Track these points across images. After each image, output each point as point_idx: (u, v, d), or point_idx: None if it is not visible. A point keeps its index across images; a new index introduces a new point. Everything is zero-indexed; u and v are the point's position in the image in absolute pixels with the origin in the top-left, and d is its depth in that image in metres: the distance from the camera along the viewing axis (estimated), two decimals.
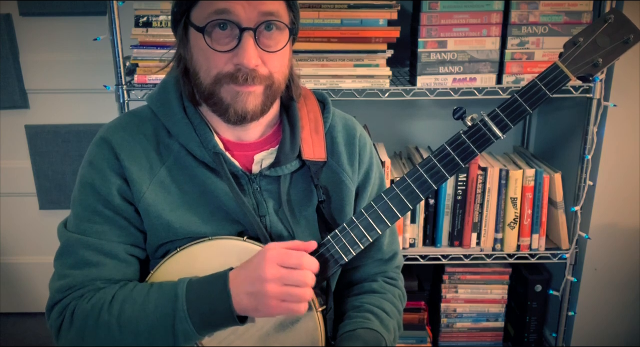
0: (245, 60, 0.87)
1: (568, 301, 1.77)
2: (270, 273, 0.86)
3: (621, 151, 1.69)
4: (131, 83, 1.58)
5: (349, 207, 1.06)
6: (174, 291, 0.90)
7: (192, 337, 0.90)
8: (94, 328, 0.91)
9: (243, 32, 0.87)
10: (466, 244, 1.74)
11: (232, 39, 0.89)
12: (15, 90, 2.07)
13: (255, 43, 0.88)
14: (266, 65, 0.91)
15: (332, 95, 1.57)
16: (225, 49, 0.89)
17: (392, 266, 1.15)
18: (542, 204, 1.70)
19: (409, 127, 2.05)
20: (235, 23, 0.87)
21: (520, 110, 0.91)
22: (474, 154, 0.93)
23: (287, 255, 0.88)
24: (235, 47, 0.88)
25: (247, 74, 0.89)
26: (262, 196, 1.00)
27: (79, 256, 0.95)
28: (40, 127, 2.11)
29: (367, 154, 1.09)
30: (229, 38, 0.89)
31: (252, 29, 0.88)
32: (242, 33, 0.87)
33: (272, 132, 1.03)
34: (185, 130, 0.97)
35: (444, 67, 1.60)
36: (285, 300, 0.87)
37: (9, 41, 2.01)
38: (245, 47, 0.87)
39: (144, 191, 0.95)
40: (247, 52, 0.87)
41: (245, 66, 0.88)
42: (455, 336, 1.94)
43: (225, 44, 0.89)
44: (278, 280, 0.86)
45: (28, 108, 2.12)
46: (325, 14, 1.55)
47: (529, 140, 2.06)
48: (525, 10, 1.57)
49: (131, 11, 1.56)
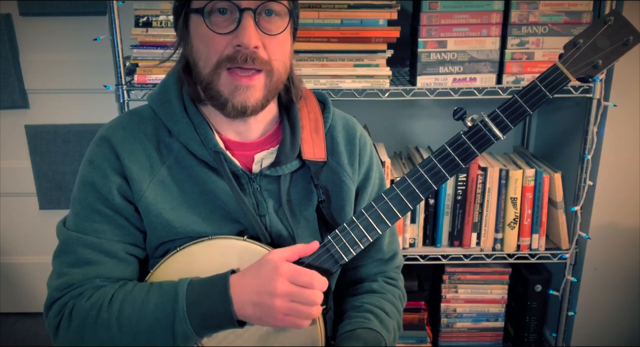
0: (246, 39, 0.87)
1: (568, 301, 1.77)
2: (281, 289, 0.86)
3: (621, 151, 1.69)
4: (131, 83, 1.58)
5: (349, 207, 1.06)
6: (174, 292, 0.90)
7: (191, 339, 0.90)
8: (92, 327, 0.91)
9: (243, 13, 0.88)
10: (466, 244, 1.74)
11: (231, 22, 0.89)
12: (15, 90, 2.07)
13: (255, 25, 0.89)
14: (266, 50, 0.91)
15: (332, 95, 1.57)
16: (225, 31, 0.89)
17: (392, 266, 1.15)
18: (542, 204, 1.70)
19: (409, 127, 2.05)
20: (235, 4, 0.88)
21: (520, 111, 0.92)
22: (475, 155, 0.93)
23: (299, 272, 0.87)
24: (235, 29, 0.89)
25: (247, 55, 0.88)
26: (262, 195, 1.00)
27: (78, 254, 0.95)
28: (40, 127, 2.11)
29: (367, 154, 1.10)
30: (228, 21, 0.89)
31: (252, 9, 0.88)
32: (241, 14, 0.88)
33: (272, 132, 1.03)
34: (186, 129, 0.97)
35: (444, 67, 1.60)
36: (290, 315, 0.87)
37: (9, 41, 2.01)
38: (245, 26, 0.88)
39: (144, 190, 0.95)
40: (247, 31, 0.87)
41: (246, 46, 0.88)
42: (455, 336, 1.94)
43: (225, 27, 0.89)
44: (287, 296, 0.86)
45: (28, 108, 2.12)
46: (325, 14, 1.55)
47: (529, 140, 2.07)
48: (525, 10, 1.57)
49: (131, 11, 1.56)
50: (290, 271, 0.87)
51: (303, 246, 0.92)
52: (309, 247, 0.93)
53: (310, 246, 0.93)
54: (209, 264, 0.93)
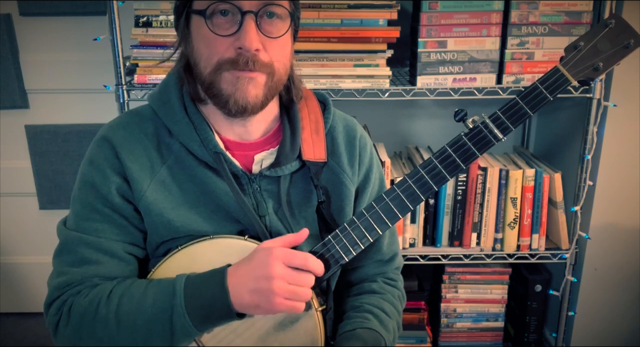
0: (247, 42, 0.87)
1: (568, 301, 1.77)
2: (277, 271, 0.86)
3: (621, 151, 1.69)
4: (131, 83, 1.58)
5: (349, 208, 1.06)
6: (172, 286, 0.90)
7: (191, 333, 0.89)
8: (91, 323, 0.91)
9: (244, 16, 0.88)
10: (466, 244, 1.74)
11: (233, 24, 0.89)
12: (15, 90, 2.07)
13: (257, 27, 0.89)
14: (267, 52, 0.91)
15: (332, 96, 1.57)
16: (227, 34, 0.89)
17: (392, 267, 1.15)
18: (542, 204, 1.70)
19: (409, 127, 2.05)
20: (237, 6, 0.88)
21: (521, 113, 0.92)
22: (475, 156, 0.93)
23: (293, 255, 0.88)
24: (236, 31, 0.89)
25: (248, 58, 0.89)
26: (262, 196, 1.00)
27: (78, 253, 0.95)
28: (40, 127, 2.11)
29: (367, 155, 1.10)
30: (229, 23, 0.89)
31: (253, 12, 0.88)
32: (243, 16, 0.88)
33: (272, 133, 1.03)
34: (186, 129, 0.97)
35: (444, 67, 1.60)
36: (289, 298, 0.87)
37: (9, 41, 2.01)
38: (246, 29, 0.88)
39: (144, 190, 0.96)
40: (249, 34, 0.87)
41: (247, 49, 0.88)
42: (455, 336, 1.94)
43: (226, 29, 0.89)
44: (284, 278, 0.86)
45: (28, 108, 2.12)
46: (325, 14, 1.55)
47: (529, 140, 2.07)
48: (525, 10, 1.57)
49: (131, 11, 1.57)
50: (285, 254, 0.87)
51: (293, 235, 0.92)
52: (298, 235, 0.92)
53: (299, 235, 0.92)
54: (210, 263, 0.93)
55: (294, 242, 0.92)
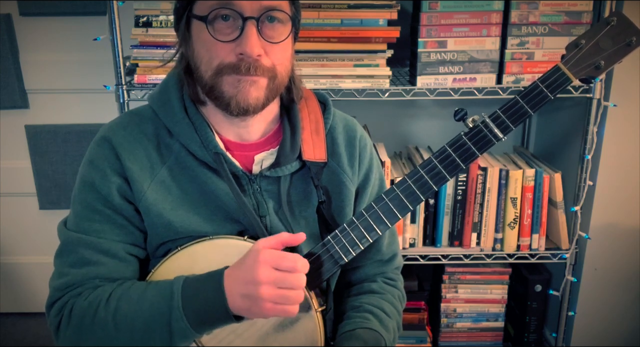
0: (249, 48, 0.87)
1: (568, 301, 1.77)
2: (264, 276, 0.84)
3: (621, 151, 1.69)
4: (131, 83, 1.58)
5: (349, 208, 1.06)
6: (170, 289, 0.89)
7: (189, 336, 0.89)
8: (90, 325, 0.91)
9: (246, 21, 0.88)
10: (466, 244, 1.74)
11: (234, 29, 0.89)
12: (15, 90, 2.07)
13: (258, 33, 0.88)
14: (269, 56, 0.91)
15: (332, 96, 1.57)
16: (228, 39, 0.89)
17: (392, 267, 1.15)
18: (542, 204, 1.70)
19: (409, 127, 2.05)
20: (238, 12, 0.88)
21: (521, 112, 0.91)
22: (475, 156, 0.93)
23: (281, 257, 0.86)
24: (238, 37, 0.88)
25: (250, 64, 0.88)
26: (262, 196, 1.00)
27: (79, 254, 0.95)
28: (40, 127, 2.11)
29: (367, 155, 1.10)
30: (231, 29, 0.89)
31: (255, 18, 0.88)
32: (244, 22, 0.88)
33: (272, 133, 1.03)
34: (186, 130, 0.97)
35: (444, 67, 1.60)
36: (278, 303, 0.85)
37: (9, 41, 2.01)
38: (248, 35, 0.87)
39: (144, 190, 0.96)
40: (250, 40, 0.87)
41: (249, 55, 0.88)
42: (455, 336, 1.94)
43: (227, 34, 0.89)
44: (272, 283, 0.84)
45: (28, 108, 2.12)
46: (325, 14, 1.55)
47: (529, 140, 2.07)
48: (525, 10, 1.57)
49: (131, 11, 1.56)
50: (272, 257, 0.85)
51: (288, 234, 0.90)
52: (294, 236, 0.90)
53: (295, 236, 0.90)
54: (210, 264, 0.93)
55: (289, 241, 0.90)
